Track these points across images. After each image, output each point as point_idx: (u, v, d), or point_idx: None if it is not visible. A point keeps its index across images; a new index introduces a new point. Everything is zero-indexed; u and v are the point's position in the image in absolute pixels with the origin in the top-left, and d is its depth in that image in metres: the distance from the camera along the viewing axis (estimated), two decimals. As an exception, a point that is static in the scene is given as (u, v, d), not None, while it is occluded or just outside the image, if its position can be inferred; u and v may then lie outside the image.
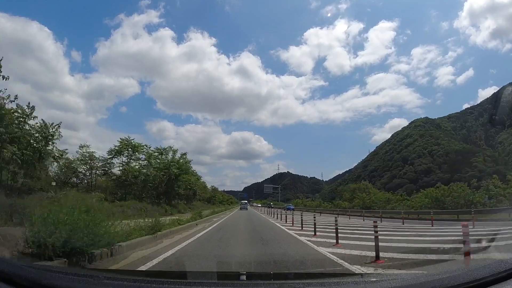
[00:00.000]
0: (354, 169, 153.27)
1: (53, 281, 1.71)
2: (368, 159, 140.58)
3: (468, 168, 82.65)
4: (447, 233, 11.31)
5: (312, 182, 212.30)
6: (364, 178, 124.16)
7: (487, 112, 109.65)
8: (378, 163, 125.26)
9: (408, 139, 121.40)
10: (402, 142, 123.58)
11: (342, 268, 4.76)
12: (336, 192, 59.97)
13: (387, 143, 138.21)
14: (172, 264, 4.99)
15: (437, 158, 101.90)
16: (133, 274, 3.05)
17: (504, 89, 46.47)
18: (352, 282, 1.87)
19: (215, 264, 5.17)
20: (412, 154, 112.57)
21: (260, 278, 2.95)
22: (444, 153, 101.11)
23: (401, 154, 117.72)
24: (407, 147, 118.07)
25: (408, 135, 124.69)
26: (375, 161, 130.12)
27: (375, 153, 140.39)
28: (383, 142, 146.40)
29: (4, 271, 1.69)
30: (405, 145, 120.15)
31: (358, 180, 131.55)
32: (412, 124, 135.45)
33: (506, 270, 1.62)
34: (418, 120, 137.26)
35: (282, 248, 7.26)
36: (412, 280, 1.80)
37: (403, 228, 14.32)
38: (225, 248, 7.32)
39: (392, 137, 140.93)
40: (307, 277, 2.87)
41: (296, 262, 5.32)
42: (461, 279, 1.64)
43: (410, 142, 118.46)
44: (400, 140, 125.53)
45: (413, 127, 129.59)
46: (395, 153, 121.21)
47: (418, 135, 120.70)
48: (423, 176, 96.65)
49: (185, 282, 1.91)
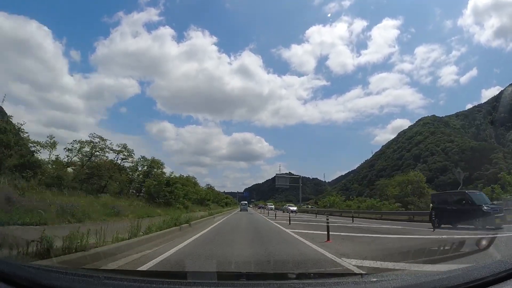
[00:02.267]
0: (359, 169, 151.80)
1: (53, 281, 1.77)
2: (374, 159, 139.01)
3: (489, 165, 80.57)
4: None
5: (314, 183, 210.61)
6: (371, 178, 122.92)
7: (495, 110, 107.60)
8: (387, 162, 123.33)
9: (418, 136, 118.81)
10: (411, 140, 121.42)
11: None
12: (377, 187, 51.12)
13: (394, 141, 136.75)
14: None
15: (452, 155, 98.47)
16: (133, 274, 3.10)
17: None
18: (352, 282, 1.89)
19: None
20: (424, 151, 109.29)
21: (260, 278, 2.97)
22: (460, 150, 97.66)
23: (411, 152, 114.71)
24: (417, 144, 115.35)
25: (417, 132, 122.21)
26: (382, 160, 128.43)
27: (381, 152, 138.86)
28: (389, 141, 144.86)
29: (4, 271, 1.74)
30: (415, 143, 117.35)
31: (364, 180, 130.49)
32: (420, 122, 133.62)
33: (506, 270, 1.65)
34: (426, 118, 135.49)
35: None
36: (412, 280, 1.83)
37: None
38: None
39: (399, 135, 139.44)
40: (307, 277, 2.90)
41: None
42: (461, 279, 1.67)
43: (421, 140, 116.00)
44: (409, 138, 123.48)
45: (421, 125, 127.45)
46: (404, 152, 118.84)
47: (429, 132, 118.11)
48: (439, 175, 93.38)
49: (185, 282, 1.94)
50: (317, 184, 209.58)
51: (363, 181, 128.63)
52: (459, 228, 13.60)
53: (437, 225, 14.61)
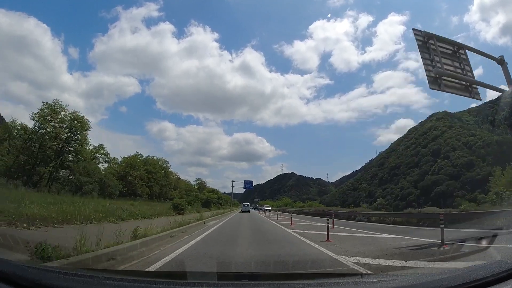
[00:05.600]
0: (365, 168, 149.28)
1: (53, 281, 1.84)
2: (384, 157, 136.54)
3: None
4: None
5: (318, 184, 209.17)
6: (383, 177, 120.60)
7: (508, 106, 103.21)
8: (400, 159, 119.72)
9: (434, 131, 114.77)
10: (426, 135, 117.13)
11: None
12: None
13: (405, 138, 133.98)
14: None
15: (476, 149, 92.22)
16: (133, 274, 3.17)
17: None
18: (352, 282, 1.93)
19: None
20: (444, 146, 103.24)
21: (260, 278, 3.01)
22: (485, 144, 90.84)
23: (428, 148, 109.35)
24: (434, 139, 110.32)
25: (432, 127, 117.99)
26: (394, 158, 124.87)
27: (391, 150, 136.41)
28: (400, 137, 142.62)
29: (4, 271, 1.80)
30: (431, 138, 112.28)
31: (374, 179, 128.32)
32: (433, 117, 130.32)
33: (506, 270, 1.68)
34: (438, 113, 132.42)
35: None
36: (412, 280, 1.86)
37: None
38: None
39: (409, 132, 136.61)
40: (307, 277, 2.95)
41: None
42: (461, 279, 1.71)
43: (438, 135, 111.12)
44: (423, 134, 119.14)
45: (435, 120, 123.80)
46: (419, 147, 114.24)
47: (446, 127, 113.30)
48: (465, 171, 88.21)
49: (185, 283, 1.98)
50: (320, 184, 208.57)
51: (372, 181, 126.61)
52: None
53: None
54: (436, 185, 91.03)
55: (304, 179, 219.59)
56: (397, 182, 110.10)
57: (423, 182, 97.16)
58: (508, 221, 11.74)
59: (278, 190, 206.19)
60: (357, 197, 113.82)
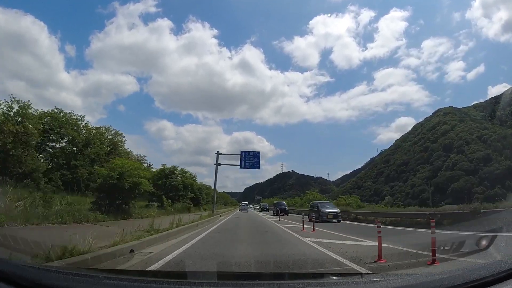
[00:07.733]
0: (368, 166, 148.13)
1: (53, 281, 1.88)
2: (388, 154, 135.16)
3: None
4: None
5: (319, 183, 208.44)
6: (389, 175, 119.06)
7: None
8: (407, 156, 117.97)
9: (444, 126, 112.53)
10: (434, 130, 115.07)
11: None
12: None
13: (410, 134, 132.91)
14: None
15: (492, 143, 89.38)
16: (133, 274, 3.21)
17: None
18: (352, 282, 1.96)
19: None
20: (457, 140, 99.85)
21: (260, 278, 3.03)
22: (501, 137, 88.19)
23: (439, 142, 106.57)
24: (444, 134, 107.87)
25: (440, 122, 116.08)
26: (400, 154, 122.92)
27: (396, 147, 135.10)
28: (404, 134, 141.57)
29: (4, 271, 1.84)
30: (441, 133, 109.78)
31: (379, 177, 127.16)
32: (440, 112, 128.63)
33: (506, 270, 1.69)
34: (445, 108, 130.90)
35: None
36: (412, 280, 1.88)
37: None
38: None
39: (414, 128, 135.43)
40: (307, 277, 2.96)
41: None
42: (461, 279, 1.72)
43: (448, 129, 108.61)
44: (431, 129, 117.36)
45: (442, 115, 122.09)
46: (429, 142, 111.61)
47: (457, 121, 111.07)
48: (482, 166, 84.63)
49: (185, 282, 2.00)
50: (321, 183, 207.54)
51: (378, 178, 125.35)
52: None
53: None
54: (451, 181, 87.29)
55: (304, 178, 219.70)
56: (406, 179, 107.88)
57: (436, 178, 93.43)
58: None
59: (278, 189, 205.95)
60: (362, 196, 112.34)
